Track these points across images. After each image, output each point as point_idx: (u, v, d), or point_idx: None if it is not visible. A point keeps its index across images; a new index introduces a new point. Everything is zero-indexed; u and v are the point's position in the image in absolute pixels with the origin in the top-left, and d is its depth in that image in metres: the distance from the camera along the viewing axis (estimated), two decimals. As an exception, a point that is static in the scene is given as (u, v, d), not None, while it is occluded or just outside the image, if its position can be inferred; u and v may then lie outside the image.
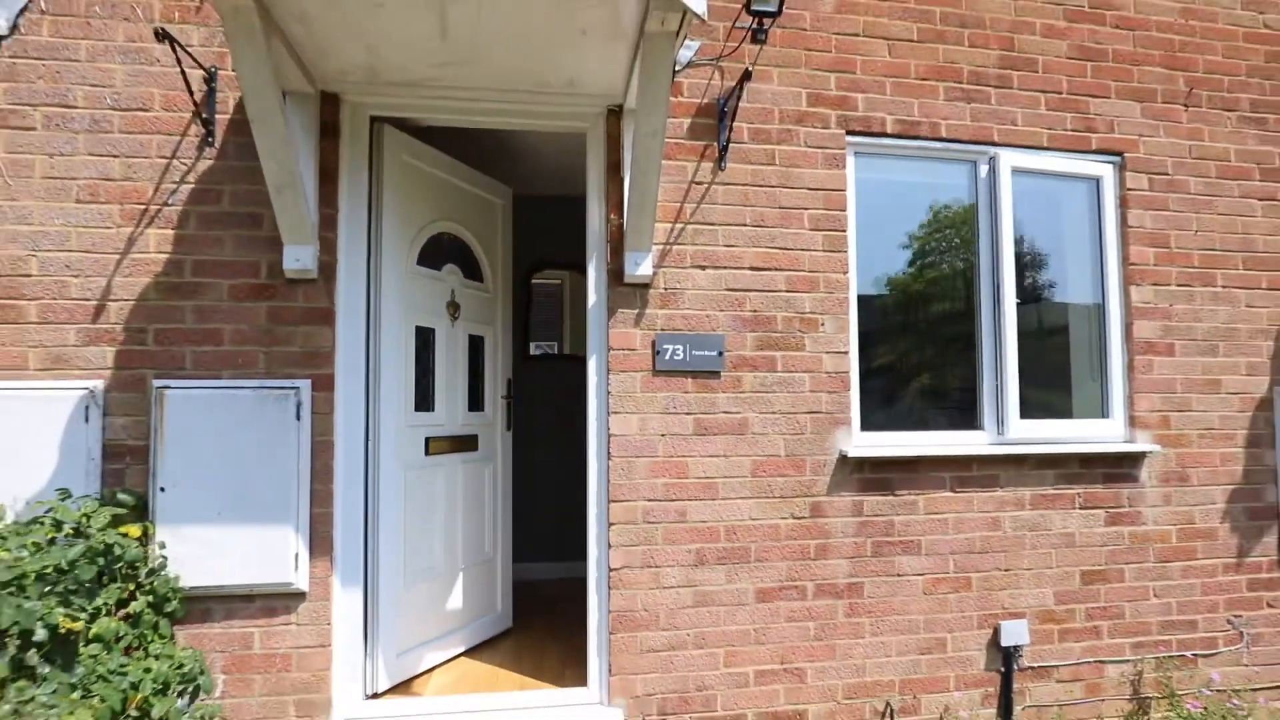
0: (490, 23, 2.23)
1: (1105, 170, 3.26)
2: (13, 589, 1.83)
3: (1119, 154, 3.27)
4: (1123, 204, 3.26)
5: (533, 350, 5.15)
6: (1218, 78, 3.39)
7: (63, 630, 1.89)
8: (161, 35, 2.29)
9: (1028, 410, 3.14)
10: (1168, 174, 3.31)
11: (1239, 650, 3.23)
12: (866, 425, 2.99)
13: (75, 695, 1.88)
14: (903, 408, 3.19)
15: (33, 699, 1.83)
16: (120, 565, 2.20)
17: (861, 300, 3.02)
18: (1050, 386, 3.34)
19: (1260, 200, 3.40)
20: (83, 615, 1.98)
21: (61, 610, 1.90)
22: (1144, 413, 3.21)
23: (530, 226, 4.50)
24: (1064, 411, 3.31)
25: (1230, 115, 3.39)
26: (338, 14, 2.17)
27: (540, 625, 3.61)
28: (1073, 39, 3.25)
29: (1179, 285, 3.28)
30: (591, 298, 2.82)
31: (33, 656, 1.79)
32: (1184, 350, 3.27)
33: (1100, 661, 3.10)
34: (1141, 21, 3.33)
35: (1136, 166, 3.28)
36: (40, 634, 1.80)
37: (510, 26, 2.26)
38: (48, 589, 1.95)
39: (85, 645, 2.01)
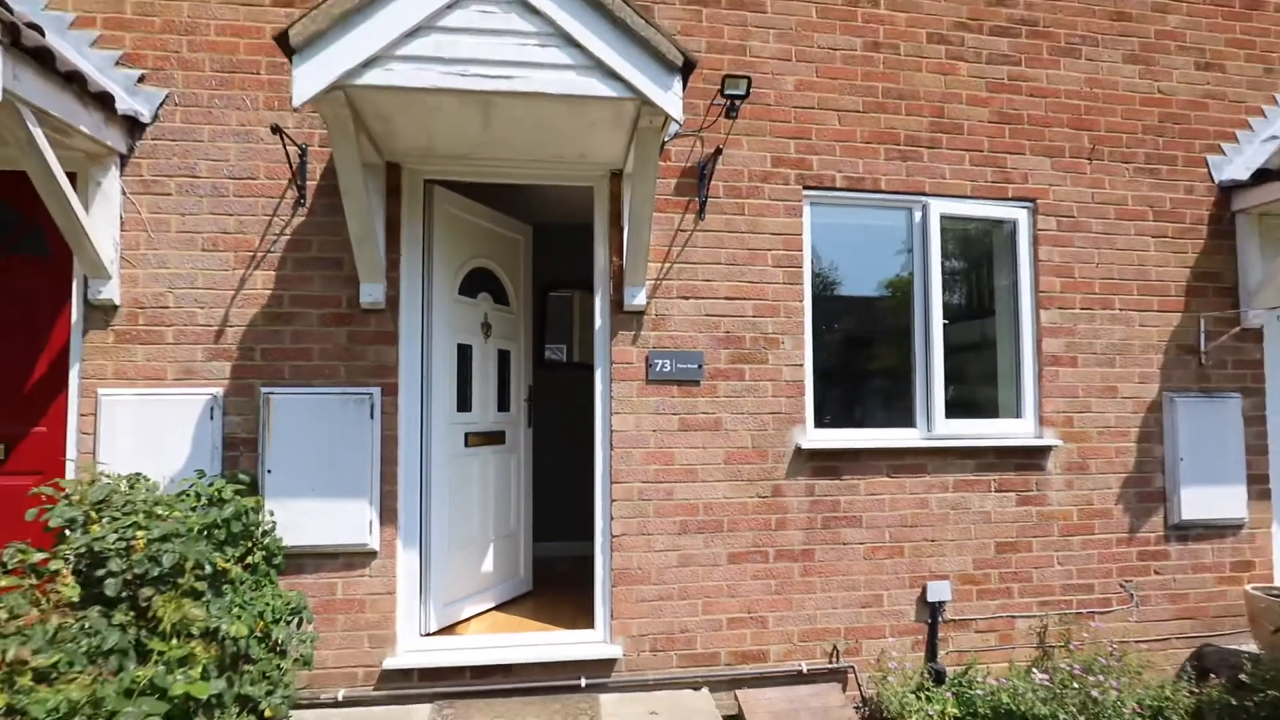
0: (522, 120, 2.96)
1: (1020, 214, 3.97)
2: (185, 538, 2.57)
3: (1032, 200, 3.97)
4: (1035, 242, 3.97)
5: (547, 354, 5.90)
6: (1118, 135, 4.09)
7: (218, 568, 2.63)
8: (275, 129, 3.05)
9: (955, 411, 3.86)
10: (1073, 216, 4.01)
11: (1129, 609, 3.93)
12: (819, 423, 3.71)
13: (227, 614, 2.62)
14: (849, 409, 3.91)
15: (194, 615, 2.57)
16: (249, 526, 2.94)
17: (814, 321, 3.73)
18: (977, 391, 4.06)
19: (1153, 237, 4.09)
20: (230, 560, 2.72)
21: (218, 555, 2.64)
22: (1051, 413, 3.91)
23: (545, 251, 5.21)
24: (989, 412, 4.02)
25: (1128, 167, 4.09)
26: (408, 116, 2.91)
27: (555, 589, 4.34)
28: (994, 106, 3.95)
29: (1082, 309, 3.98)
30: (598, 322, 3.56)
31: (201, 585, 2.53)
32: (1085, 362, 3.97)
33: (1011, 616, 3.81)
34: (1052, 90, 4.03)
35: (1047, 210, 3.98)
36: (207, 569, 2.54)
37: (537, 123, 2.99)
38: (206, 539, 2.69)
39: (226, 583, 2.76)
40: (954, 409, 3.87)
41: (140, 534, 2.41)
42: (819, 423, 3.72)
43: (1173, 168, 4.14)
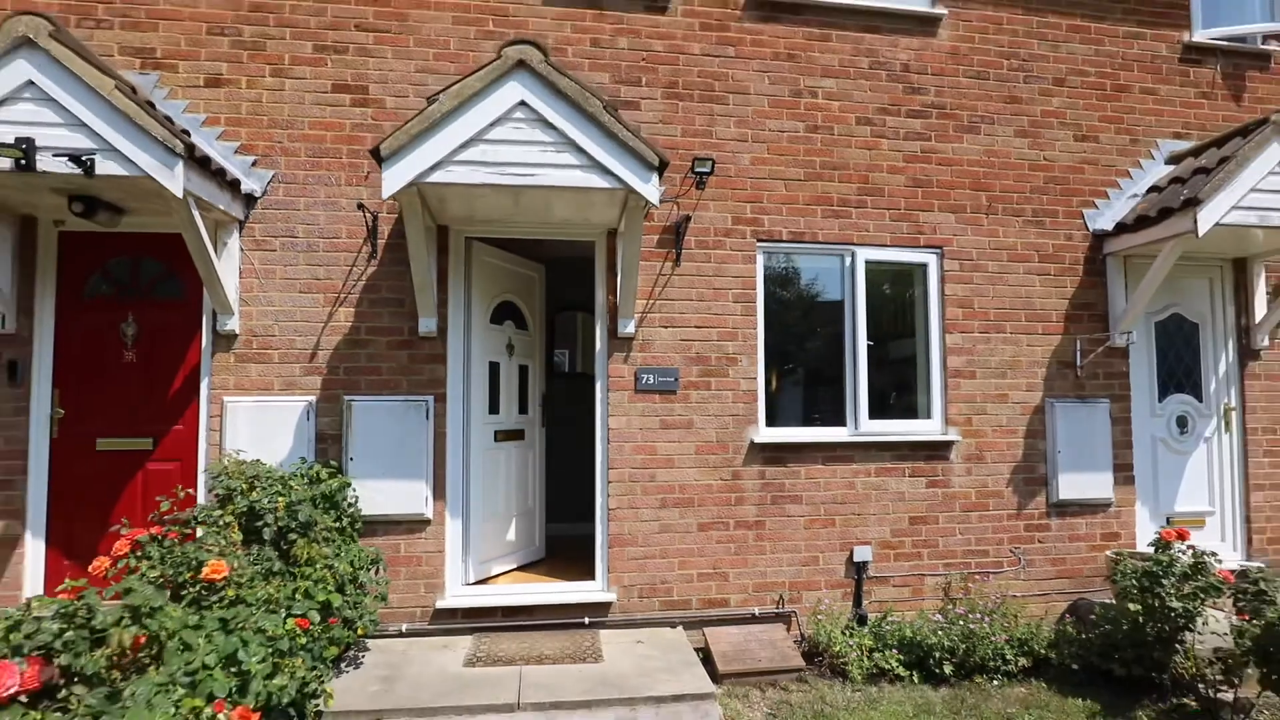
0: (542, 200, 4.03)
1: (930, 259, 5.03)
2: (305, 503, 3.62)
3: (940, 247, 5.04)
4: (942, 280, 5.03)
5: (555, 357, 6.97)
6: (1010, 194, 5.15)
7: (328, 526, 3.69)
8: (360, 206, 4.13)
9: (879, 412, 4.92)
10: (973, 260, 5.07)
11: (1018, 571, 4.98)
12: (769, 423, 4.77)
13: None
14: (793, 412, 4.97)
15: (309, 555, 3.61)
16: (339, 499, 4.00)
17: (765, 343, 4.79)
18: (899, 396, 5.11)
19: (1038, 275, 5.15)
20: (332, 522, 3.79)
21: (326, 517, 3.70)
22: (954, 415, 4.97)
23: (554, 280, 6.27)
24: (908, 413, 5.07)
25: (1018, 219, 5.15)
26: (459, 199, 3.99)
27: (563, 556, 5.38)
28: (909, 174, 5.02)
29: (979, 333, 5.04)
30: (598, 345, 4.63)
31: (325, 535, 3.59)
32: (983, 374, 5.03)
33: (921, 575, 4.86)
34: (957, 160, 5.10)
35: (952, 255, 5.04)
36: (318, 528, 3.60)
37: (553, 202, 4.06)
38: (290, 516, 3.71)
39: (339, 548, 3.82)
40: (879, 410, 4.94)
41: (281, 499, 3.47)
42: (769, 422, 4.78)
43: (1055, 220, 5.20)
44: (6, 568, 4.09)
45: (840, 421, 4.91)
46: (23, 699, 1.78)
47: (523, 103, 3.71)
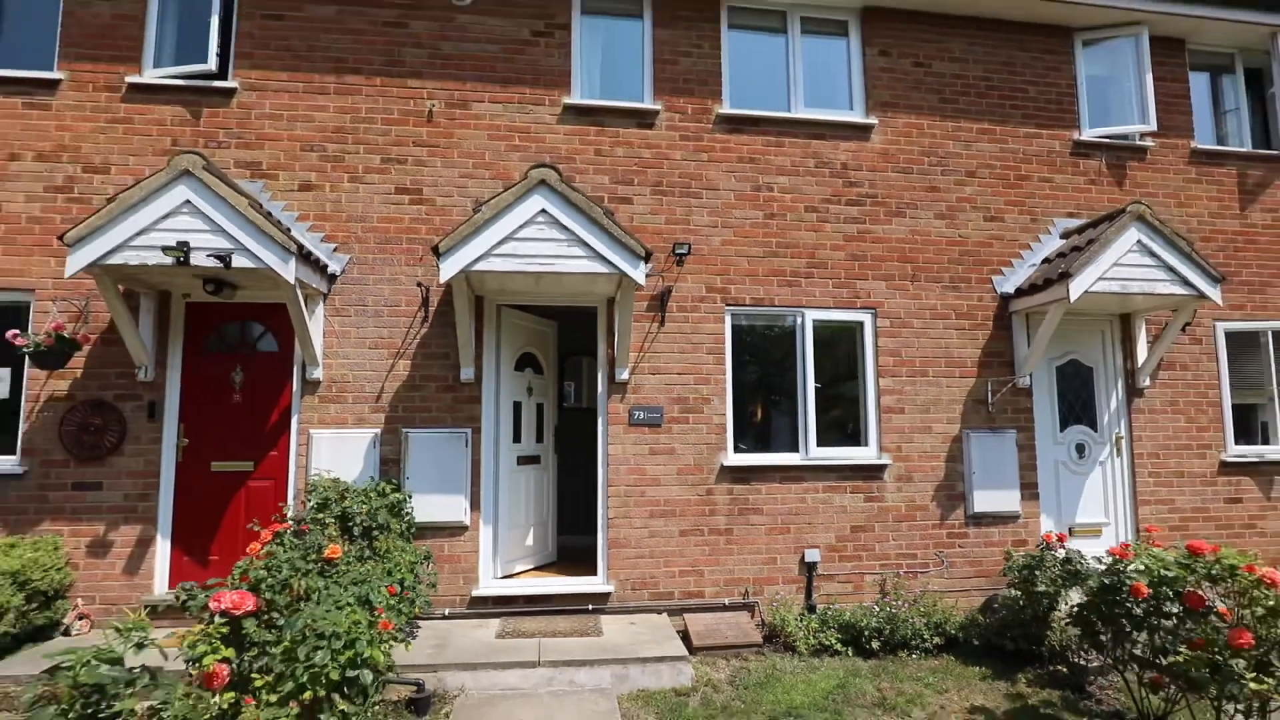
0: (558, 281, 5.30)
1: (866, 317, 6.28)
2: (380, 510, 4.82)
3: (874, 308, 6.28)
4: (876, 334, 6.26)
5: (565, 387, 8.21)
6: (931, 265, 6.41)
7: (396, 529, 4.88)
8: (419, 284, 5.42)
9: (826, 440, 6.12)
10: (901, 318, 6.30)
11: (941, 571, 6.11)
12: (736, 450, 5.97)
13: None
14: (755, 440, 6.17)
15: (374, 554, 4.79)
16: (400, 508, 5.21)
17: (733, 386, 6.02)
18: (843, 428, 6.30)
19: (955, 330, 6.37)
20: (396, 530, 4.98)
21: (394, 521, 4.90)
22: (887, 443, 6.16)
23: (563, 330, 7.53)
24: (851, 441, 6.26)
25: (938, 285, 6.40)
26: (494, 280, 5.26)
27: (570, 561, 6.53)
28: (848, 250, 6.29)
29: (907, 376, 6.26)
30: (600, 388, 5.87)
31: (397, 531, 4.78)
32: (910, 410, 6.23)
33: (861, 573, 6.00)
34: (887, 238, 6.37)
35: (884, 315, 6.28)
36: (390, 529, 4.79)
37: (565, 281, 5.33)
38: (371, 518, 4.91)
39: (402, 545, 5.00)
40: (825, 439, 6.13)
41: (364, 506, 4.69)
42: (736, 449, 5.98)
43: (969, 285, 6.45)
44: (142, 562, 5.30)
45: (794, 448, 6.11)
46: (251, 615, 2.95)
47: (543, 210, 5.01)
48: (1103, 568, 4.44)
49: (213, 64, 5.75)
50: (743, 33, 6.58)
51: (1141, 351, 6.63)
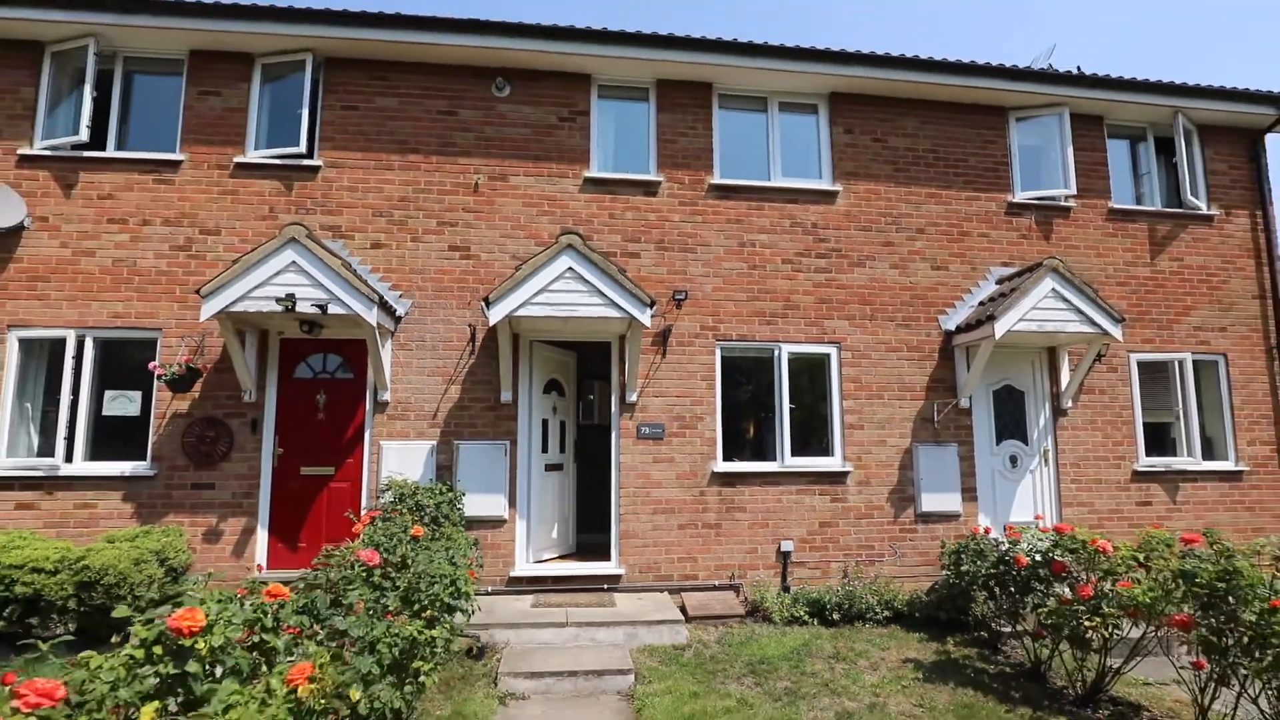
0: (580, 322, 6.65)
1: (832, 350, 7.61)
2: (434, 509, 6.12)
3: (839, 342, 7.62)
4: (840, 364, 7.59)
5: (583, 404, 9.54)
6: (886, 307, 7.75)
7: (454, 520, 6.18)
8: (470, 326, 6.78)
9: (799, 451, 7.42)
10: (861, 351, 7.63)
11: (895, 560, 7.37)
12: (725, 458, 7.28)
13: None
14: (740, 450, 7.48)
15: (442, 535, 6.09)
16: (454, 505, 6.51)
17: (722, 407, 7.34)
18: (813, 441, 7.61)
19: (907, 360, 7.70)
20: (453, 520, 6.28)
21: (456, 515, 6.20)
22: (850, 454, 7.46)
23: (582, 360, 8.87)
24: (821, 452, 7.56)
25: (892, 323, 7.73)
26: (530, 322, 6.61)
27: (587, 552, 7.80)
28: (817, 295, 7.64)
29: (866, 399, 7.57)
30: (613, 408, 7.20)
31: (437, 532, 6.07)
32: (869, 427, 7.53)
33: (828, 561, 7.27)
34: (849, 285, 7.72)
35: (847, 348, 7.62)
36: (444, 520, 6.08)
37: (587, 323, 6.67)
38: (437, 510, 6.21)
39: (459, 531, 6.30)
40: (799, 450, 7.44)
41: (432, 500, 6.01)
42: (725, 458, 7.29)
43: (918, 323, 7.78)
44: (246, 547, 6.61)
45: (773, 458, 7.42)
46: (377, 568, 4.25)
47: (570, 268, 6.37)
48: (1004, 549, 5.72)
49: (302, 146, 7.16)
50: (730, 112, 7.99)
51: (1065, 378, 7.94)
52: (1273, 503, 8.19)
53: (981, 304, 7.74)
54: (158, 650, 2.08)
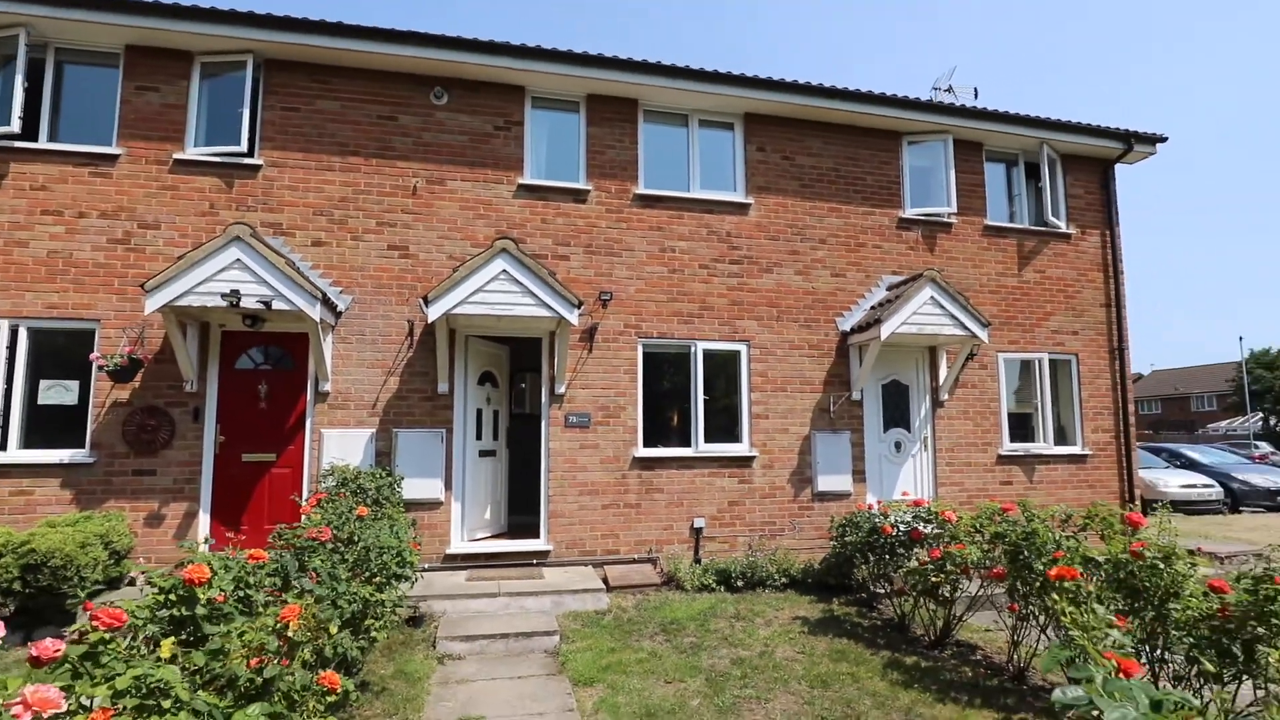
0: (513, 320, 7.23)
1: (742, 347, 8.47)
2: (375, 491, 6.62)
3: (748, 340, 8.48)
4: (750, 360, 8.46)
5: (515, 392, 10.12)
6: (791, 309, 8.66)
7: (385, 504, 6.69)
8: (409, 322, 7.26)
9: (712, 438, 8.26)
10: (767, 348, 8.53)
11: (794, 534, 8.33)
12: (646, 445, 8.04)
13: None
14: (659, 437, 8.26)
15: (383, 515, 6.60)
16: (393, 488, 7.00)
17: (644, 398, 8.09)
18: (725, 429, 8.46)
19: (808, 357, 8.65)
20: (393, 501, 6.79)
21: (395, 497, 6.70)
22: (756, 440, 8.35)
23: (515, 354, 9.43)
24: (732, 438, 8.42)
25: (796, 324, 8.66)
26: (466, 319, 7.15)
27: (518, 532, 8.43)
28: (730, 298, 8.47)
29: (771, 391, 8.47)
30: (543, 399, 7.83)
31: (379, 513, 6.57)
32: (773, 416, 8.44)
33: (735, 535, 8.16)
34: (759, 289, 8.58)
35: (755, 345, 8.49)
36: (385, 502, 6.59)
37: (520, 320, 7.26)
38: (378, 493, 6.71)
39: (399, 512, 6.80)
40: (711, 437, 8.28)
41: (373, 483, 6.50)
42: (646, 444, 8.05)
43: (819, 324, 8.74)
44: (188, 530, 6.92)
45: (688, 444, 8.23)
46: (328, 543, 4.76)
47: (505, 270, 6.94)
48: (876, 521, 6.71)
49: (243, 145, 7.42)
50: (654, 126, 8.69)
51: (943, 374, 9.08)
52: (1110, 481, 9.63)
53: (873, 308, 8.75)
54: (173, 597, 2.62)
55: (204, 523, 7.01)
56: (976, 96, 10.42)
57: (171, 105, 7.38)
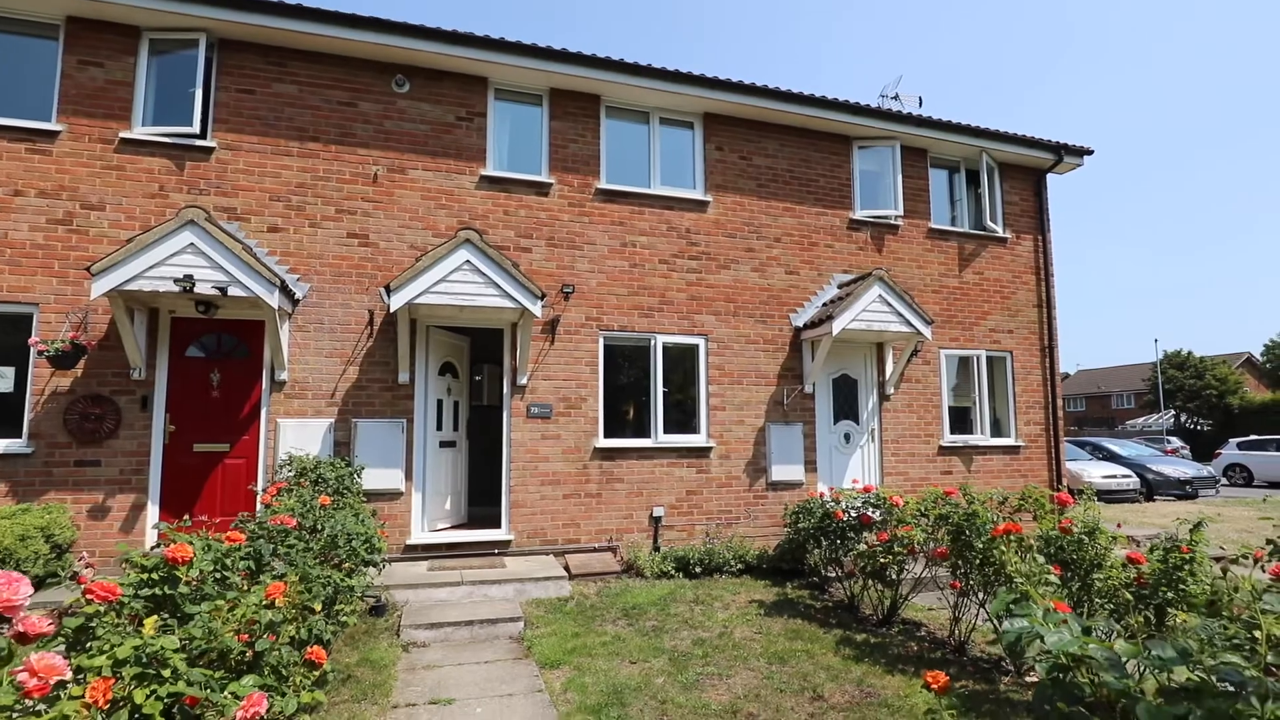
0: (476, 310, 7.26)
1: (700, 341, 8.69)
2: (336, 481, 6.56)
3: (707, 334, 8.71)
4: (707, 354, 8.69)
5: (475, 381, 10.10)
6: (748, 305, 8.93)
7: (354, 491, 6.64)
8: (370, 312, 7.20)
9: (671, 429, 8.45)
10: (725, 342, 8.77)
11: (750, 522, 8.61)
12: (606, 435, 8.17)
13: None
14: (620, 428, 8.41)
15: (345, 505, 6.55)
16: (353, 478, 6.95)
17: (604, 390, 8.22)
18: (683, 421, 8.67)
19: (763, 351, 8.93)
20: (354, 491, 6.74)
21: (356, 487, 6.65)
22: (714, 432, 8.59)
23: (476, 344, 9.42)
24: (690, 430, 8.63)
25: (752, 319, 8.93)
26: (429, 309, 7.14)
27: (479, 522, 8.46)
28: (689, 293, 8.68)
29: (728, 384, 8.72)
30: (505, 390, 7.88)
31: (356, 494, 6.52)
32: (729, 409, 8.70)
33: (693, 524, 8.38)
34: (717, 284, 8.82)
35: (713, 339, 8.72)
36: (346, 492, 6.54)
37: (481, 311, 7.29)
38: (339, 482, 6.66)
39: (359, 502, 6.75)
40: (670, 428, 8.47)
41: (333, 473, 6.44)
42: (606, 435, 8.19)
43: (773, 319, 9.04)
44: (135, 523, 6.71)
45: (648, 435, 8.41)
46: (293, 530, 4.74)
47: (468, 260, 6.96)
48: (828, 507, 7.03)
49: (195, 126, 7.21)
50: (617, 122, 8.82)
51: (889, 369, 9.51)
52: (1040, 471, 10.27)
53: (825, 305, 9.10)
54: (155, 576, 2.63)
55: (152, 514, 6.80)
56: (921, 105, 10.92)
57: (117, 82, 7.10)
